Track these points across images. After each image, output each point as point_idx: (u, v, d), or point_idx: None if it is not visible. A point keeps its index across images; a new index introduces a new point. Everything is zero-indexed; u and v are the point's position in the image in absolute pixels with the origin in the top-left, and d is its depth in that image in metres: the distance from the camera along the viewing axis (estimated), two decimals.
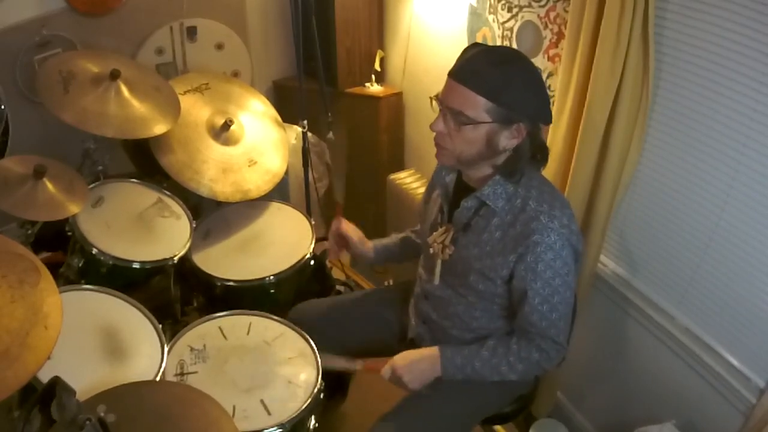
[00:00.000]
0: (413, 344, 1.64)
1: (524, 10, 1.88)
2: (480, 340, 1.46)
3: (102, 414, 0.99)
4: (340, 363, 1.55)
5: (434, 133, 1.33)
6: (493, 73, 1.22)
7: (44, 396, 1.08)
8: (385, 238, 1.76)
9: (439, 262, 1.45)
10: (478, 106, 1.24)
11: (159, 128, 1.83)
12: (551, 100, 1.83)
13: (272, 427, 1.34)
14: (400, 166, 2.86)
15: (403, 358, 1.44)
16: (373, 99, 2.68)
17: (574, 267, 1.36)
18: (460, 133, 1.27)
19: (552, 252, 1.29)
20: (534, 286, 1.33)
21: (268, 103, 2.24)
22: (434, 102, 1.33)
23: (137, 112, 1.82)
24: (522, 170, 1.33)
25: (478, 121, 1.25)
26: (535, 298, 1.34)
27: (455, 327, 1.51)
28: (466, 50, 1.28)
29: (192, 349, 1.51)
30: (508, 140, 1.28)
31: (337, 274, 2.55)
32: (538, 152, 1.36)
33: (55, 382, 1.03)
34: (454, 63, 1.28)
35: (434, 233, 1.46)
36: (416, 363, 1.44)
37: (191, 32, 2.51)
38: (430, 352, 1.45)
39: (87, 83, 1.79)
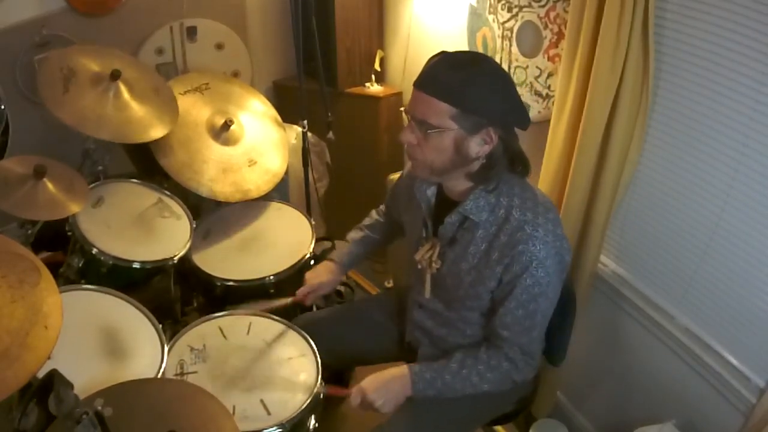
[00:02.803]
0: (411, 348, 1.64)
1: (524, 10, 1.88)
2: (476, 344, 1.46)
3: (99, 408, 0.99)
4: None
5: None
6: (452, 77, 1.19)
7: (41, 389, 1.08)
8: (344, 248, 1.75)
9: (428, 276, 1.44)
10: (441, 112, 1.21)
11: (156, 132, 1.82)
12: (550, 100, 1.84)
13: (272, 427, 1.34)
14: (400, 166, 2.86)
15: (372, 383, 1.39)
16: (373, 99, 2.68)
17: (558, 277, 1.34)
18: (427, 142, 1.25)
19: (536, 261, 1.27)
20: (514, 292, 1.31)
21: (268, 103, 2.24)
22: (405, 115, 1.31)
23: (135, 115, 1.82)
24: (498, 178, 1.30)
25: (443, 128, 1.22)
26: (512, 302, 1.33)
27: (450, 334, 1.51)
28: (430, 59, 1.26)
29: (192, 349, 1.51)
30: (479, 147, 1.25)
31: None
32: (516, 160, 1.32)
33: (53, 375, 1.03)
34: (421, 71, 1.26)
35: (420, 249, 1.44)
36: (387, 385, 1.39)
37: (191, 32, 2.51)
38: (399, 371, 1.41)
39: (87, 82, 1.78)
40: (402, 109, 1.30)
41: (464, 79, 1.19)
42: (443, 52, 1.26)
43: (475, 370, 1.38)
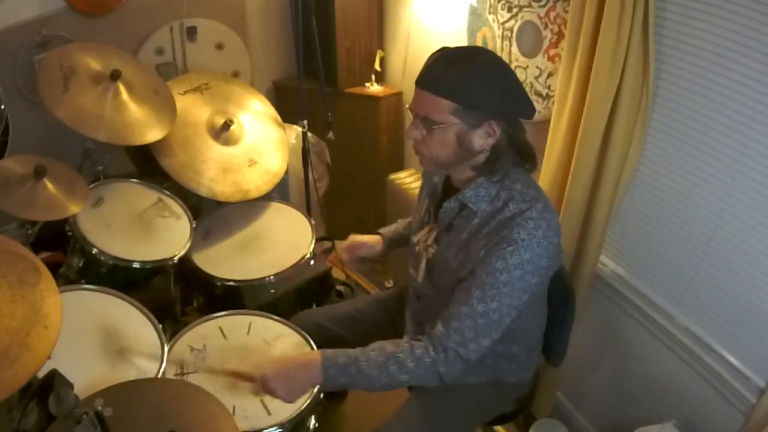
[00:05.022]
0: None
1: (524, 10, 1.88)
2: None
3: (99, 408, 1.00)
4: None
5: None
6: (450, 73, 1.20)
7: (42, 389, 1.08)
8: (391, 226, 1.75)
9: (423, 260, 1.45)
10: (442, 108, 1.23)
11: (153, 135, 1.82)
12: (550, 100, 1.84)
13: (272, 427, 1.34)
14: (400, 166, 2.87)
15: (276, 370, 1.31)
16: (373, 99, 2.68)
17: (532, 275, 1.26)
18: (431, 137, 1.27)
19: (514, 246, 1.23)
20: (479, 271, 1.26)
21: (268, 103, 2.24)
22: (410, 112, 1.33)
23: (132, 117, 1.81)
24: (503, 169, 1.30)
25: (445, 123, 1.24)
26: (473, 279, 1.26)
27: None
28: (430, 56, 1.27)
29: (192, 349, 1.51)
30: (482, 140, 1.26)
31: (337, 274, 2.55)
32: (522, 151, 1.32)
33: (53, 375, 1.03)
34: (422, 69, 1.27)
35: (420, 232, 1.46)
36: (291, 373, 1.31)
37: (191, 32, 2.51)
38: (307, 357, 1.35)
39: (87, 81, 1.78)
40: (407, 106, 1.31)
41: (463, 74, 1.20)
42: (443, 48, 1.27)
43: (393, 358, 1.28)
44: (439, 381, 1.31)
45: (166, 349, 1.44)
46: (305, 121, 2.24)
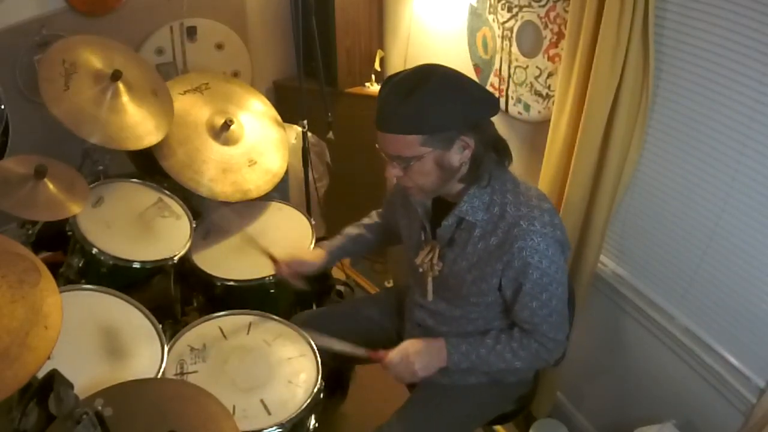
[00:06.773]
0: None
1: (524, 10, 1.88)
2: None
3: (99, 408, 1.00)
4: (345, 347, 1.54)
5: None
6: (406, 109, 1.19)
7: (42, 389, 1.08)
8: (336, 240, 1.75)
9: (429, 279, 1.46)
10: (411, 144, 1.23)
11: (148, 140, 1.82)
12: (550, 100, 1.84)
13: (272, 426, 1.34)
14: None
15: (414, 345, 1.45)
16: (373, 99, 2.66)
17: (563, 261, 1.36)
18: (411, 171, 1.28)
19: (538, 254, 1.29)
20: (524, 288, 1.33)
21: (268, 103, 2.24)
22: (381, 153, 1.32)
23: (129, 120, 1.81)
24: (488, 172, 1.32)
25: (419, 155, 1.24)
26: (525, 297, 1.35)
27: (452, 332, 1.51)
28: (380, 91, 1.26)
29: (192, 349, 1.51)
30: (459, 155, 1.26)
31: (337, 274, 2.56)
32: (498, 148, 1.33)
33: (53, 375, 1.03)
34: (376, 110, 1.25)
35: (420, 253, 1.45)
36: (427, 349, 1.45)
37: (191, 32, 2.51)
38: (435, 341, 1.46)
39: (87, 79, 1.77)
40: (376, 146, 1.31)
41: (419, 105, 1.19)
42: (389, 80, 1.25)
43: (508, 346, 1.42)
44: (547, 364, 1.49)
45: (166, 349, 1.45)
46: (305, 121, 2.24)
